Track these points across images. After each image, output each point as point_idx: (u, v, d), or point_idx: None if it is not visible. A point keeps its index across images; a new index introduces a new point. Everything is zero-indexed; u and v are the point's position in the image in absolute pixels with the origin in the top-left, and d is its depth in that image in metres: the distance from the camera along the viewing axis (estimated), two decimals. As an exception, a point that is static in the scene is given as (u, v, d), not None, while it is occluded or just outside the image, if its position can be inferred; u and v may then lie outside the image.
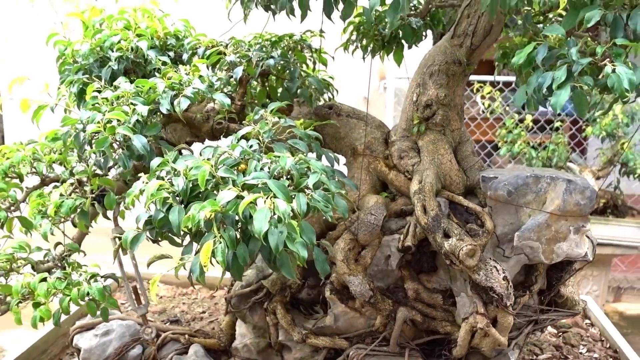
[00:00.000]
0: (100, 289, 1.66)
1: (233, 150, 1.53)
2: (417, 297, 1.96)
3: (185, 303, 3.17)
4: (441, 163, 1.99)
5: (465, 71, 1.99)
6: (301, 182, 1.48)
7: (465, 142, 2.08)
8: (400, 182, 2.04)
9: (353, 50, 2.56)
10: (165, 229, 1.52)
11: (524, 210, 1.82)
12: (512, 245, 1.83)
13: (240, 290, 2.18)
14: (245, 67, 1.89)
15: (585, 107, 1.33)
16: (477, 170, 2.02)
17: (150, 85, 1.67)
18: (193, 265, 1.41)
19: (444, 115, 2.00)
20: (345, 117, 2.20)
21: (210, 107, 1.90)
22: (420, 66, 2.04)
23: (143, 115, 1.62)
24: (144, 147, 1.58)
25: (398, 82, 5.75)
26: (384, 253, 1.97)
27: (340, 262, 1.90)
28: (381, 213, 1.95)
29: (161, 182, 1.46)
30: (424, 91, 2.01)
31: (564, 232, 1.77)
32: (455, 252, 1.70)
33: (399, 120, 2.10)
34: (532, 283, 1.90)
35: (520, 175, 1.80)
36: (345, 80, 2.49)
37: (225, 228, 1.39)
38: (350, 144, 2.15)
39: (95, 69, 1.94)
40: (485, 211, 1.86)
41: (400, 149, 2.04)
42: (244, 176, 1.47)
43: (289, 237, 1.36)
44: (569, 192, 1.74)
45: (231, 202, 1.38)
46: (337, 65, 2.46)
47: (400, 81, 5.63)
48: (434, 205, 1.84)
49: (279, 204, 1.34)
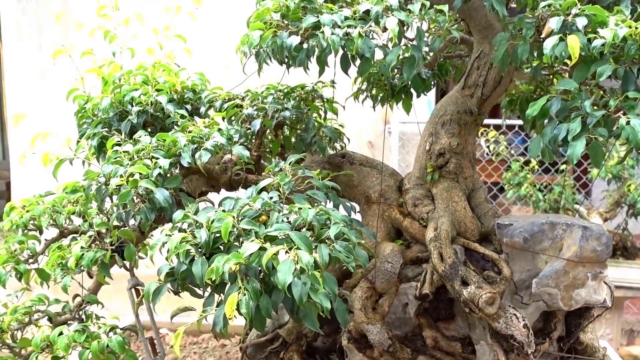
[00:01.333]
0: (120, 342, 1.65)
1: (254, 202, 1.55)
2: (435, 345, 1.95)
3: (196, 352, 3.15)
4: (455, 210, 2.01)
5: (477, 120, 2.03)
6: (322, 233, 1.50)
7: (478, 189, 2.10)
8: (415, 229, 2.06)
9: (363, 99, 2.61)
10: (187, 281, 1.53)
11: (540, 257, 1.83)
12: (530, 291, 1.83)
13: (256, 339, 2.17)
14: (262, 119, 1.93)
15: (601, 158, 1.36)
16: (492, 217, 2.03)
17: (172, 140, 1.71)
18: (216, 317, 1.42)
19: (456, 164, 2.04)
20: (358, 165, 2.23)
21: (227, 158, 1.93)
22: (433, 116, 2.09)
23: (165, 168, 1.65)
24: (166, 200, 1.61)
25: (402, 127, 5.82)
26: (402, 301, 1.97)
27: (358, 311, 1.90)
28: (397, 261, 1.96)
29: (184, 234, 1.48)
30: (437, 140, 2.05)
31: (581, 278, 1.78)
32: (474, 300, 1.70)
33: (412, 169, 2.14)
34: (552, 330, 1.89)
35: (536, 222, 1.82)
36: (350, 125, 2.53)
37: (248, 280, 1.40)
38: (364, 192, 2.18)
39: (115, 122, 1.99)
40: (501, 258, 1.87)
41: (415, 196, 2.07)
42: (266, 228, 1.49)
43: (311, 289, 1.37)
44: (585, 238, 1.75)
45: (254, 254, 1.40)
46: (342, 111, 2.51)
47: (404, 125, 5.70)
48: (450, 252, 1.85)
49: (302, 256, 1.35)
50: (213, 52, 4.27)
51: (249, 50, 2.08)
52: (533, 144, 1.54)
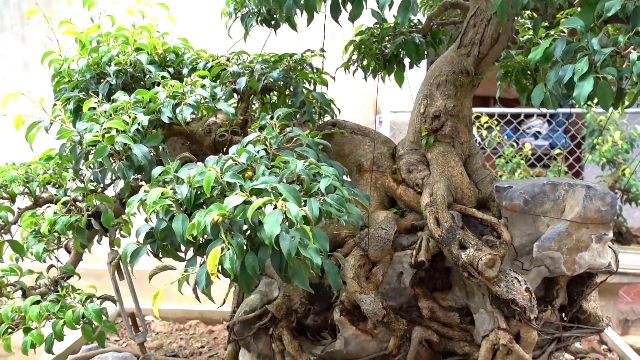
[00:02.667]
0: (97, 310, 1.55)
1: (239, 157, 1.45)
2: (432, 316, 1.85)
3: (182, 338, 3.03)
4: (452, 176, 1.92)
5: (473, 81, 1.94)
6: (312, 186, 1.40)
7: (475, 155, 2.01)
8: (409, 196, 1.97)
9: (354, 70, 2.52)
10: (167, 241, 1.43)
11: (541, 220, 1.74)
12: (531, 257, 1.75)
13: (243, 316, 2.06)
14: (248, 79, 1.83)
15: (610, 98, 1.27)
16: (489, 183, 1.94)
17: (150, 95, 1.60)
18: (198, 276, 1.32)
19: (452, 127, 1.95)
20: (349, 133, 2.14)
21: (211, 120, 1.83)
22: (427, 77, 1.99)
23: (144, 124, 1.55)
24: (145, 157, 1.50)
25: (393, 116, 5.75)
26: (396, 270, 1.87)
27: (350, 280, 1.80)
28: (392, 227, 1.86)
29: (163, 189, 1.37)
30: (432, 102, 1.96)
31: (585, 240, 1.69)
32: (473, 263, 1.61)
33: (407, 134, 2.04)
34: (554, 298, 1.80)
35: (537, 184, 1.73)
36: (340, 115, 2.46)
37: (232, 235, 1.30)
38: (356, 161, 2.09)
39: (92, 85, 1.88)
40: (501, 222, 1.78)
41: (409, 162, 1.98)
42: (252, 182, 1.39)
43: (301, 243, 1.27)
44: (589, 198, 1.67)
45: (239, 207, 1.30)
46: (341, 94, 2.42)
47: (395, 115, 5.63)
48: (447, 216, 1.76)
49: (291, 208, 1.25)
50: (197, 22, 4.16)
51: (234, 12, 1.99)
52: (535, 92, 1.45)
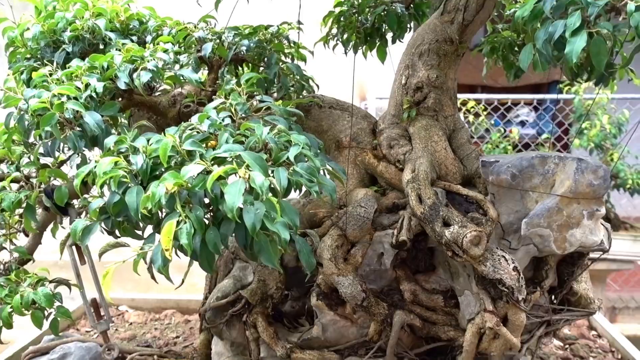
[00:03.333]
0: (47, 294, 1.42)
1: (201, 124, 1.32)
2: (414, 300, 1.74)
3: (157, 328, 2.90)
4: (435, 151, 1.81)
5: (458, 50, 1.82)
6: (281, 156, 1.28)
7: (460, 130, 1.90)
8: (390, 173, 1.85)
9: (334, 45, 2.40)
10: (122, 216, 1.30)
11: (530, 196, 1.63)
12: (519, 235, 1.64)
13: (215, 302, 1.94)
14: (215, 46, 1.70)
15: (604, 56, 1.16)
16: (475, 159, 1.83)
17: (106, 60, 1.47)
18: (154, 254, 1.19)
19: (436, 99, 1.83)
20: (327, 108, 2.02)
21: (177, 92, 1.70)
22: (409, 46, 1.88)
23: (97, 91, 1.41)
24: (98, 126, 1.37)
25: (379, 102, 5.64)
26: (376, 251, 1.76)
27: (327, 262, 1.69)
28: (371, 205, 1.75)
29: (115, 158, 1.24)
30: (414, 73, 1.84)
31: (576, 217, 1.58)
32: (457, 241, 1.50)
33: (387, 107, 1.93)
34: (543, 279, 1.70)
35: (525, 157, 1.62)
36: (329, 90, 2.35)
37: (191, 207, 1.18)
38: (334, 137, 1.97)
39: (48, 54, 1.74)
40: (487, 199, 1.67)
41: (390, 137, 1.86)
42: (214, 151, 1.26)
43: (267, 217, 1.15)
44: (580, 171, 1.56)
45: (198, 177, 1.18)
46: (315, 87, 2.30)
47: (381, 101, 5.52)
48: (430, 193, 1.65)
49: (255, 177, 1.13)
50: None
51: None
52: (523, 53, 1.33)
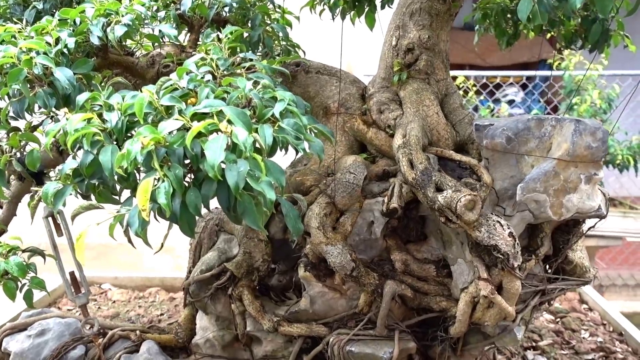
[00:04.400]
0: (19, 264, 1.33)
1: (180, 80, 1.24)
2: (406, 270, 1.68)
3: (141, 306, 2.83)
4: (427, 115, 1.74)
5: (451, 10, 1.75)
6: (266, 112, 1.20)
7: (452, 94, 1.83)
8: (380, 140, 1.78)
9: (321, 11, 2.31)
10: (96, 178, 1.22)
11: (525, 160, 1.57)
12: (514, 201, 1.58)
13: (199, 275, 1.87)
14: (196, 3, 1.60)
15: (610, 1, 1.09)
16: (468, 125, 1.77)
17: (77, 14, 1.37)
18: (131, 216, 1.11)
19: (428, 61, 1.76)
20: (314, 74, 1.94)
21: (156, 52, 1.61)
22: (399, 5, 1.80)
23: (69, 47, 1.32)
24: (70, 83, 1.28)
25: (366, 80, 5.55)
26: (366, 219, 1.69)
27: (315, 230, 1.62)
28: (361, 172, 1.68)
29: (88, 114, 1.16)
30: (405, 34, 1.76)
31: (574, 181, 1.53)
32: (451, 206, 1.43)
33: (377, 70, 1.85)
34: (538, 246, 1.65)
35: (521, 120, 1.56)
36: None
37: (170, 166, 1.10)
38: (322, 103, 1.89)
39: (18, 12, 1.64)
40: (481, 165, 1.61)
41: (380, 101, 1.79)
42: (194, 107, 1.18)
43: (251, 176, 1.08)
44: (578, 133, 1.50)
45: (177, 134, 1.10)
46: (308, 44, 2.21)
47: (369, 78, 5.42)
48: (422, 158, 1.58)
49: (238, 133, 1.05)
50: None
51: None
52: (522, 3, 1.26)
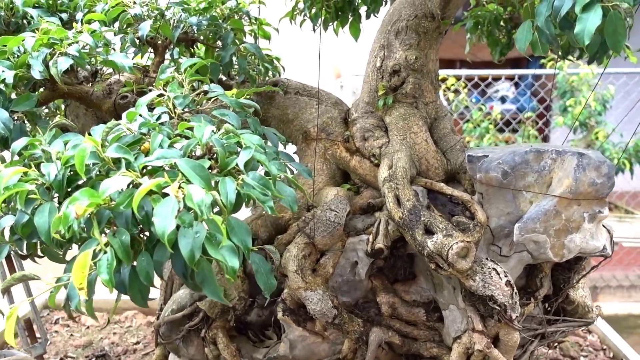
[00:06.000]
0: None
1: (130, 123, 1.08)
2: (393, 314, 1.54)
3: (116, 333, 2.67)
4: (415, 143, 1.59)
5: (440, 27, 1.59)
6: (229, 162, 1.04)
7: (442, 118, 1.68)
8: (365, 169, 1.63)
9: (301, 21, 2.16)
10: (35, 238, 1.06)
11: (523, 196, 1.43)
12: (511, 240, 1.44)
13: (170, 316, 1.72)
14: (158, 24, 1.44)
15: (623, 36, 0.94)
16: (460, 152, 1.62)
17: (17, 43, 1.21)
18: (70, 288, 0.96)
19: (415, 84, 1.61)
20: (293, 94, 1.78)
21: (114, 79, 1.45)
22: (384, 23, 1.64)
23: (7, 82, 1.16)
24: (5, 126, 1.12)
25: (355, 80, 5.41)
26: (350, 259, 1.55)
27: (293, 274, 1.47)
28: (343, 208, 1.53)
29: (22, 168, 1.00)
30: (390, 54, 1.61)
31: (576, 220, 1.39)
32: (442, 253, 1.29)
33: (361, 93, 1.70)
34: (537, 288, 1.51)
35: (518, 152, 1.41)
36: (299, 71, 2.12)
37: (116, 231, 0.95)
38: (301, 127, 1.74)
39: (-41, 36, 1.46)
40: (474, 200, 1.47)
41: (364, 127, 1.63)
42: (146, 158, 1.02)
43: (210, 241, 0.93)
44: (581, 168, 1.36)
45: (124, 193, 0.94)
46: (287, 66, 2.06)
47: (358, 79, 5.28)
48: (409, 194, 1.43)
49: (193, 192, 0.90)
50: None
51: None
52: (520, 32, 1.11)
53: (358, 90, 5.34)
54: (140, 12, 1.40)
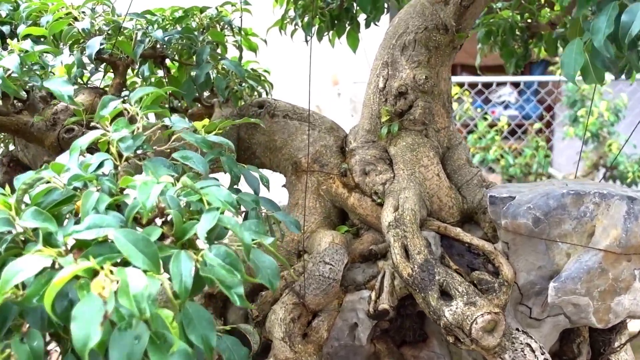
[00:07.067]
0: None
1: (59, 175, 0.82)
2: (400, 386, 1.29)
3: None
4: (425, 179, 1.34)
5: (454, 41, 1.34)
6: (186, 229, 0.79)
7: (457, 147, 1.43)
8: (365, 209, 1.38)
9: (292, 31, 1.91)
10: None
11: (559, 247, 1.17)
12: (543, 300, 1.18)
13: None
14: (115, 39, 1.18)
15: None
16: (478, 187, 1.37)
17: None
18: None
19: (425, 108, 1.35)
20: (282, 118, 1.53)
21: (61, 107, 1.19)
22: (388, 36, 1.39)
23: None
24: None
25: (354, 88, 5.16)
26: (348, 321, 1.29)
27: (279, 342, 1.21)
28: (340, 260, 1.27)
29: None
30: (395, 73, 1.35)
31: (626, 279, 1.13)
32: (464, 327, 1.04)
33: (360, 118, 1.44)
34: (574, 356, 1.25)
35: (552, 194, 1.16)
36: (291, 86, 1.88)
37: (26, 334, 0.70)
38: (291, 156, 1.48)
39: None
40: (498, 251, 1.21)
41: (364, 160, 1.38)
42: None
43: (156, 345, 0.67)
44: (633, 216, 1.10)
45: (38, 281, 0.69)
46: (280, 71, 1.81)
47: (357, 87, 5.04)
48: (420, 244, 1.18)
49: (131, 280, 0.64)
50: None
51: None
52: (567, 55, 0.86)
53: (356, 98, 5.09)
54: (88, 27, 1.14)
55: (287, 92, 2.28)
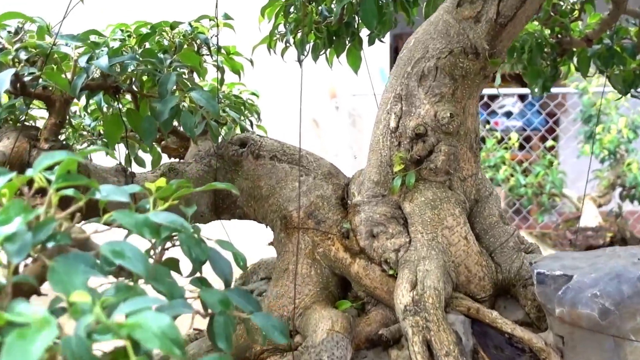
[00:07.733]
0: None
1: None
2: None
3: None
4: (450, 244, 1.05)
5: (486, 69, 1.05)
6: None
7: (487, 199, 1.14)
8: (373, 280, 1.08)
9: (283, 49, 1.62)
10: None
11: (632, 346, 0.88)
12: (611, 415, 0.89)
13: None
14: (43, 70, 0.89)
15: None
16: (515, 251, 1.08)
17: None
18: None
19: (449, 154, 1.06)
20: (268, 159, 1.24)
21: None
22: (400, 63, 1.10)
23: None
24: None
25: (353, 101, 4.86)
26: None
27: None
28: (342, 356, 0.97)
29: None
30: (410, 109, 1.06)
31: None
32: None
33: (367, 166, 1.15)
34: None
35: (625, 276, 0.87)
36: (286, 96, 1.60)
37: None
38: (280, 208, 1.19)
39: None
40: (550, 347, 0.92)
41: (372, 219, 1.09)
42: None
43: None
44: None
45: None
46: (275, 77, 1.53)
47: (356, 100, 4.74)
48: (448, 341, 0.89)
49: None
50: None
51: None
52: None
53: (355, 112, 4.81)
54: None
55: (280, 111, 1.99)
